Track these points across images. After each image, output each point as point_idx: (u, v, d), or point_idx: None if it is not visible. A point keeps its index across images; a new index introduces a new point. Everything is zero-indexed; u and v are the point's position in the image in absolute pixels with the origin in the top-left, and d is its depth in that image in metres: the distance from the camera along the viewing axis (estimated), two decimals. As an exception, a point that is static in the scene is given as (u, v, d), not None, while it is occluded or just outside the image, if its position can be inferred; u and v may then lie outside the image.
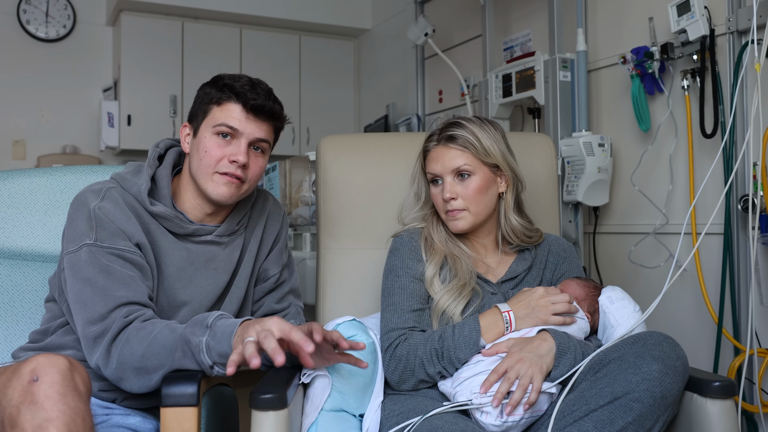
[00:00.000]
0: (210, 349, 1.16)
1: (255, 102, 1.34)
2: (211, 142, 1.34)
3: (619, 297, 1.45)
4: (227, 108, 1.34)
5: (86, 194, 1.33)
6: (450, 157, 1.48)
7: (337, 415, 1.34)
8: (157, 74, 4.42)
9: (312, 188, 2.79)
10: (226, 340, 1.16)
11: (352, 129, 4.96)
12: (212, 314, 1.22)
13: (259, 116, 1.35)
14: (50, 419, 0.96)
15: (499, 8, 3.03)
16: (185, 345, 1.18)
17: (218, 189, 1.34)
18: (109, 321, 1.22)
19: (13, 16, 4.39)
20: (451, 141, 1.49)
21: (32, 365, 1.00)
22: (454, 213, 1.49)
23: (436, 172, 1.50)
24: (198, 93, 1.41)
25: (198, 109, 1.39)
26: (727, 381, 1.24)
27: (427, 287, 1.48)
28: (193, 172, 1.37)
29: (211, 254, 1.41)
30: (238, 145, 1.34)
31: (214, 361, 1.17)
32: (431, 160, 1.52)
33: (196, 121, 1.38)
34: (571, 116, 2.37)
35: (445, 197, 1.49)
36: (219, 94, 1.35)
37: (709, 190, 2.02)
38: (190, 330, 1.19)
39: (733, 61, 1.96)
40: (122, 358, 1.19)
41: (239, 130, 1.34)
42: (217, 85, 1.37)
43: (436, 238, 1.53)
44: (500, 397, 1.25)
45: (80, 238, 1.28)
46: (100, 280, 1.24)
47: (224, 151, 1.34)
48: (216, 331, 1.17)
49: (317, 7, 4.65)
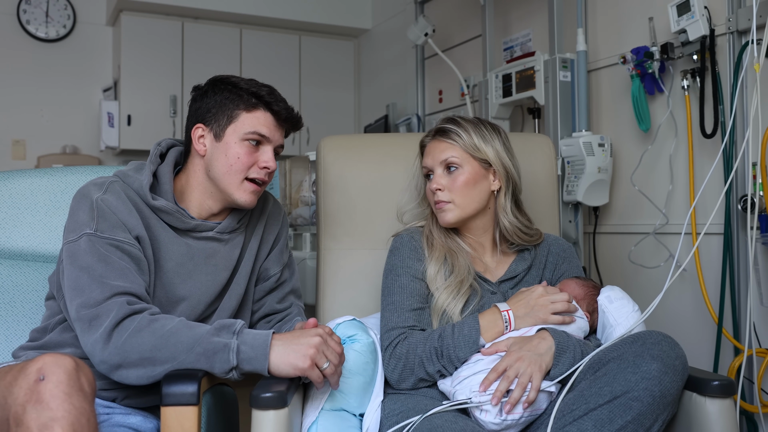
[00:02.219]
0: (240, 352, 1.19)
1: (287, 114, 1.40)
2: (242, 149, 1.37)
3: (618, 296, 1.46)
4: (257, 116, 1.37)
5: (89, 187, 1.34)
6: (440, 149, 1.52)
7: (337, 415, 1.34)
8: (157, 74, 4.42)
9: (312, 188, 2.79)
10: (260, 347, 1.20)
11: (352, 129, 4.96)
12: (237, 322, 1.25)
13: (284, 125, 1.41)
14: (56, 418, 0.97)
15: (499, 8, 3.03)
16: (209, 344, 1.20)
17: (246, 196, 1.39)
18: (106, 306, 1.21)
19: (13, 16, 4.39)
20: (442, 134, 1.53)
21: (39, 364, 1.01)
22: (441, 205, 1.51)
23: (427, 165, 1.55)
24: (210, 95, 1.39)
25: (219, 112, 1.38)
26: (726, 380, 1.25)
27: (430, 284, 1.49)
28: (216, 177, 1.38)
29: (212, 250, 1.42)
30: (266, 152, 1.39)
31: (238, 364, 1.19)
32: (425, 155, 1.57)
33: (218, 125, 1.38)
34: (571, 116, 2.37)
35: (432, 188, 1.52)
36: (247, 100, 1.37)
37: (709, 190, 2.02)
38: (215, 332, 1.22)
39: (733, 61, 1.96)
40: (128, 346, 1.19)
41: (269, 138, 1.38)
42: (237, 89, 1.38)
43: (436, 235, 1.54)
44: (499, 396, 1.25)
45: (80, 228, 1.29)
46: (98, 269, 1.25)
47: (254, 157, 1.38)
48: (245, 338, 1.21)
49: (317, 7, 4.65)
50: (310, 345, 1.21)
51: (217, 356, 1.19)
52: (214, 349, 1.19)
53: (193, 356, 1.19)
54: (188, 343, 1.20)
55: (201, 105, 1.40)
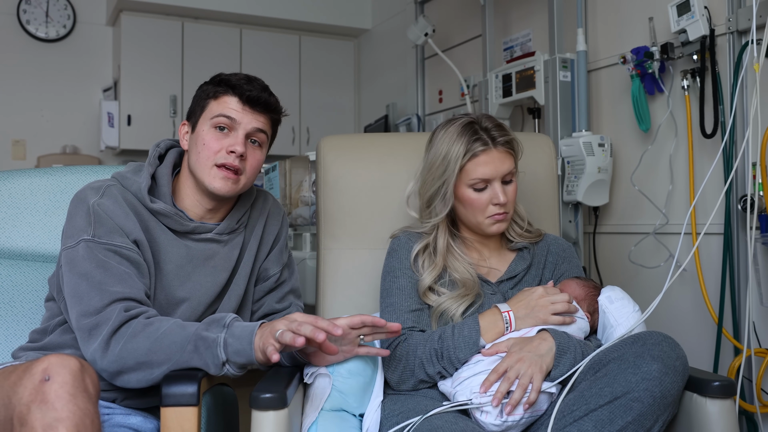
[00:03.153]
0: (227, 345, 1.19)
1: (251, 93, 1.36)
2: (209, 135, 1.36)
3: (619, 297, 1.45)
4: (224, 100, 1.37)
5: (86, 191, 1.34)
6: (502, 160, 1.45)
7: (337, 415, 1.34)
8: (157, 74, 4.42)
9: (312, 188, 2.79)
10: (246, 338, 1.18)
11: (352, 129, 4.96)
12: (228, 315, 1.24)
13: (255, 108, 1.38)
14: (60, 419, 0.97)
15: (499, 8, 3.03)
16: (199, 340, 1.19)
17: (216, 183, 1.36)
18: (105, 314, 1.22)
19: (13, 16, 4.39)
20: (506, 145, 1.46)
21: (44, 365, 1.01)
22: (501, 216, 1.48)
23: (486, 177, 1.44)
24: (196, 92, 1.43)
25: (196, 106, 1.41)
26: (726, 381, 1.25)
27: (421, 296, 1.47)
28: (191, 166, 1.39)
29: (211, 252, 1.41)
30: (235, 137, 1.36)
31: (228, 358, 1.19)
32: (481, 164, 1.44)
33: (194, 118, 1.41)
34: (571, 116, 2.37)
35: (500, 201, 1.45)
36: (215, 88, 1.38)
37: (709, 190, 2.02)
38: (205, 327, 1.22)
39: (733, 61, 1.96)
40: (125, 353, 1.20)
41: (236, 120, 1.36)
42: (213, 81, 1.40)
43: (440, 247, 1.51)
44: (500, 397, 1.25)
45: (78, 234, 1.29)
46: (96, 275, 1.25)
47: (222, 143, 1.36)
48: (234, 331, 1.20)
49: (317, 7, 4.65)
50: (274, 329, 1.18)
51: (207, 352, 1.19)
52: (204, 344, 1.19)
53: (186, 354, 1.20)
54: (180, 342, 1.20)
55: (191, 104, 1.44)
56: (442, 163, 1.47)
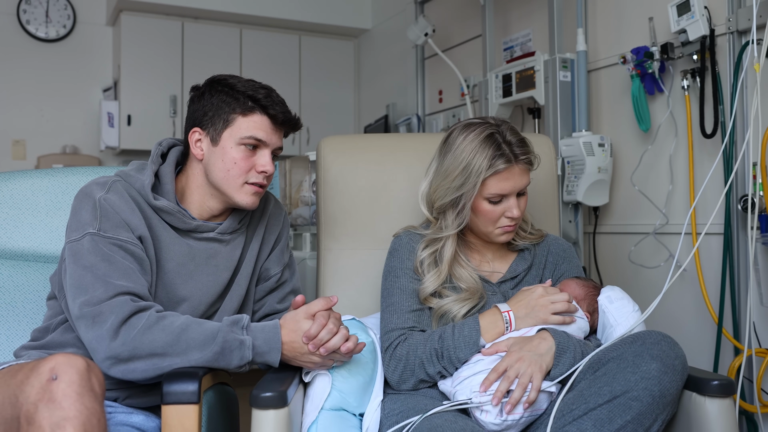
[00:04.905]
0: (254, 347, 1.24)
1: (284, 116, 1.38)
2: (239, 153, 1.36)
3: (619, 297, 1.46)
4: (254, 120, 1.36)
5: (91, 186, 1.34)
6: (520, 176, 1.45)
7: (337, 414, 1.34)
8: (157, 74, 4.41)
9: (312, 188, 2.80)
10: (273, 344, 1.26)
11: (352, 129, 4.96)
12: (243, 317, 1.28)
13: (282, 128, 1.40)
14: (68, 418, 0.97)
15: (499, 8, 3.03)
16: (226, 341, 1.23)
17: (248, 199, 1.39)
18: (110, 304, 1.22)
19: (13, 16, 4.39)
20: (527, 162, 1.45)
21: (51, 364, 1.01)
22: (513, 227, 1.49)
23: (505, 192, 1.44)
24: (206, 97, 1.38)
25: (215, 116, 1.37)
26: (726, 380, 1.25)
27: (423, 301, 1.47)
28: (216, 181, 1.38)
29: (213, 251, 1.42)
30: (263, 156, 1.38)
31: (253, 359, 1.25)
32: (502, 180, 1.42)
33: (214, 129, 1.37)
34: (571, 116, 2.37)
35: (514, 215, 1.45)
36: (244, 103, 1.35)
37: (709, 190, 2.02)
38: (230, 327, 1.25)
39: (733, 62, 1.96)
40: (137, 342, 1.20)
41: (266, 142, 1.37)
42: (234, 92, 1.36)
43: (447, 256, 1.49)
44: (500, 396, 1.26)
45: (83, 227, 1.29)
46: (101, 268, 1.25)
47: (250, 161, 1.37)
48: (256, 333, 1.26)
49: (317, 7, 4.65)
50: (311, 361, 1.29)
51: (234, 353, 1.23)
52: (230, 346, 1.23)
53: (210, 354, 1.22)
54: (201, 339, 1.22)
55: (198, 107, 1.39)
56: (462, 174, 1.42)
